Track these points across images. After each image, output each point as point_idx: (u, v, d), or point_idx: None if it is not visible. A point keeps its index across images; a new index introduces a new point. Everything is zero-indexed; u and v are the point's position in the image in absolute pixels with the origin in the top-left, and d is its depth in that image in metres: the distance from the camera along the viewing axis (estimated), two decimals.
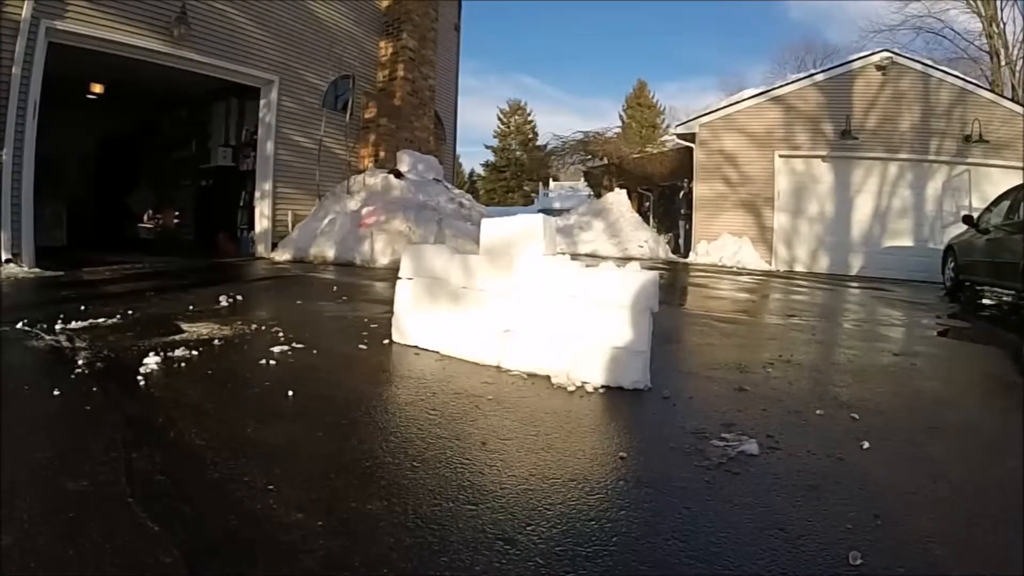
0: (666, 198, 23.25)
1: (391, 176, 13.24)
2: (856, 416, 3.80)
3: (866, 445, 3.27)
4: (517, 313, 4.41)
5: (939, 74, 17.64)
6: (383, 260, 11.56)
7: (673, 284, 12.11)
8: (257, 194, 13.11)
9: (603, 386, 3.99)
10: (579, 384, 3.99)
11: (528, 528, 2.27)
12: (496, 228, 4.60)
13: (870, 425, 3.65)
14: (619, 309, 4.01)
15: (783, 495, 2.68)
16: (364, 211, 12.45)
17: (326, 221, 12.71)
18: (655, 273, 4.14)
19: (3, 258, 8.35)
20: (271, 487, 2.48)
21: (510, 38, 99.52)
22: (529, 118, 61.26)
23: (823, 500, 2.65)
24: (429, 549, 2.11)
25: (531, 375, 4.26)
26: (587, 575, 2.02)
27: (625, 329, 3.98)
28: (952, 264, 12.60)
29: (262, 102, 13.06)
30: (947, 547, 2.34)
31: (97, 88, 14.24)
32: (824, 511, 2.54)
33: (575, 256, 5.07)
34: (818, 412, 3.87)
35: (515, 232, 4.49)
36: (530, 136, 57.98)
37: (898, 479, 2.96)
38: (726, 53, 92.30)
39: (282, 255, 12.45)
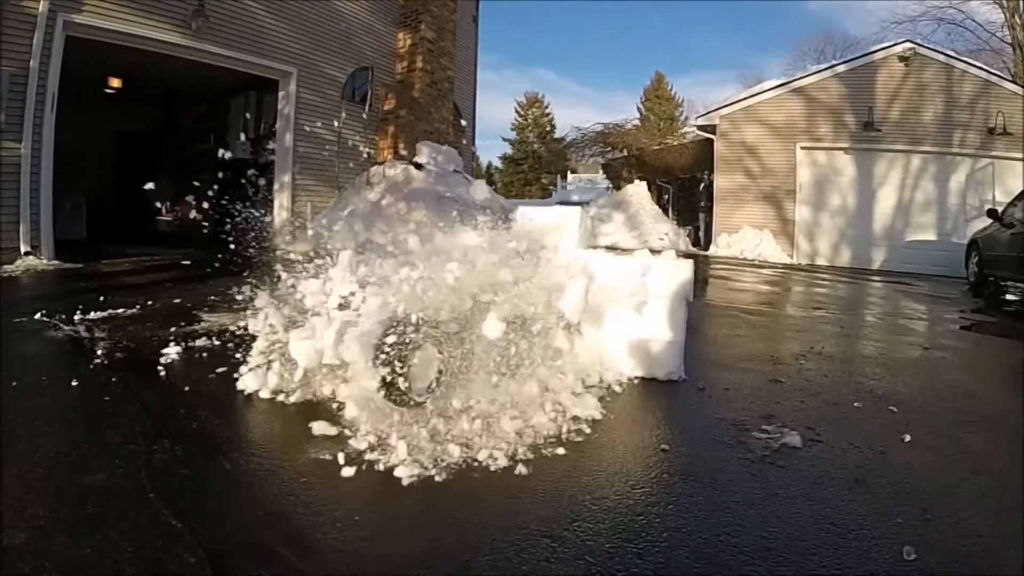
0: (686, 190, 23.12)
1: (411, 167, 13.19)
2: (895, 409, 3.75)
3: (907, 438, 3.23)
4: None
5: (962, 65, 17.36)
6: None
7: (696, 276, 11.97)
8: (276, 186, 13.09)
9: (637, 377, 3.93)
10: (613, 375, 3.90)
11: (574, 524, 2.22)
12: (530, 218, 4.49)
13: (908, 418, 3.61)
14: (656, 299, 3.94)
15: (830, 488, 2.63)
16: (384, 202, 12.40)
17: (346, 213, 12.67)
18: (690, 262, 4.07)
19: (22, 250, 8.36)
20: (303, 479, 2.43)
21: (526, 32, 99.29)
22: (546, 111, 61.08)
23: (870, 493, 2.60)
24: (472, 548, 2.06)
25: None
26: (640, 573, 1.95)
27: (661, 319, 3.91)
28: (976, 259, 12.38)
29: (281, 94, 13.04)
30: (998, 542, 2.28)
31: (115, 82, 14.26)
32: (872, 505, 2.50)
33: (595, 248, 4.98)
34: (856, 404, 3.82)
35: (550, 223, 4.38)
36: (548, 129, 57.81)
37: (942, 472, 2.91)
38: (744, 46, 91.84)
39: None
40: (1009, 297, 10.74)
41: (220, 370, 3.71)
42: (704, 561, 2.03)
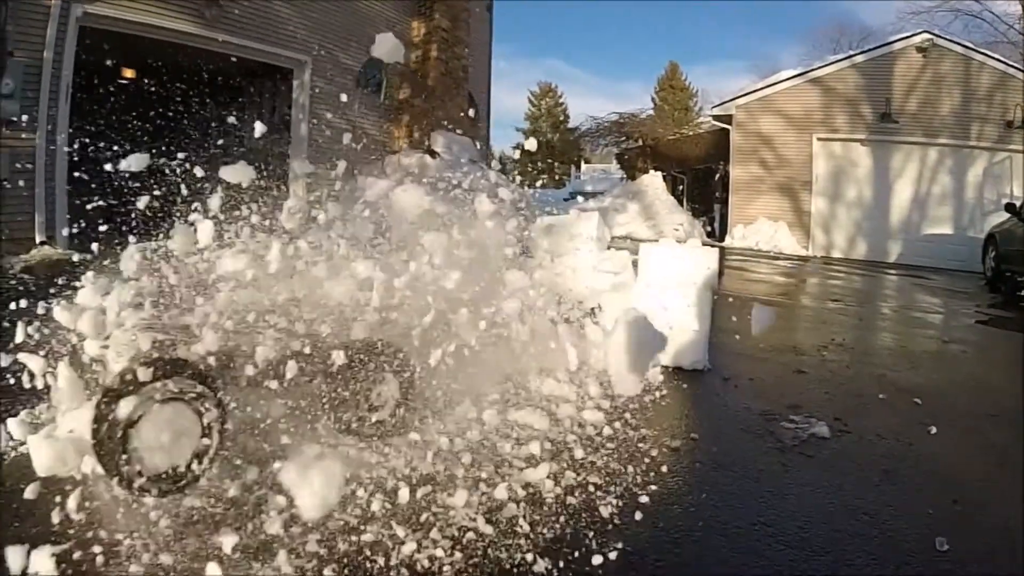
0: (700, 181, 22.99)
1: (426, 156, 13.18)
2: (919, 401, 3.74)
3: (933, 430, 3.22)
4: None
5: (980, 57, 17.13)
6: None
7: None
8: (291, 176, 13.07)
9: (663, 366, 3.89)
10: None
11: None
12: (550, 217, 4.51)
13: (933, 410, 3.60)
14: (683, 288, 3.92)
15: (861, 479, 2.64)
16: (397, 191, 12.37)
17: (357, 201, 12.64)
18: (716, 251, 4.06)
19: (37, 240, 8.38)
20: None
21: (538, 22, 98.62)
22: (560, 101, 60.55)
23: (900, 484, 2.62)
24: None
25: None
26: (677, 562, 1.95)
27: (687, 309, 3.89)
28: (993, 253, 12.23)
29: (295, 83, 13.01)
30: None
31: (128, 73, 14.24)
32: (903, 496, 2.52)
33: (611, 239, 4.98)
34: (880, 396, 3.83)
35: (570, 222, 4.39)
36: (561, 119, 57.41)
37: (968, 464, 2.94)
38: (758, 36, 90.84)
39: None
40: None
41: None
42: (741, 551, 2.04)
